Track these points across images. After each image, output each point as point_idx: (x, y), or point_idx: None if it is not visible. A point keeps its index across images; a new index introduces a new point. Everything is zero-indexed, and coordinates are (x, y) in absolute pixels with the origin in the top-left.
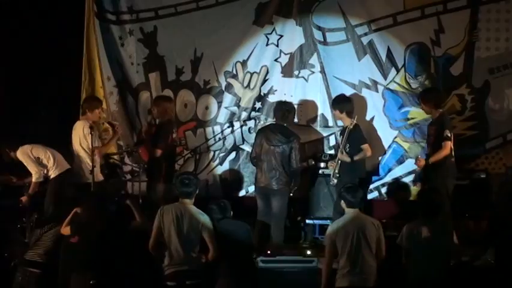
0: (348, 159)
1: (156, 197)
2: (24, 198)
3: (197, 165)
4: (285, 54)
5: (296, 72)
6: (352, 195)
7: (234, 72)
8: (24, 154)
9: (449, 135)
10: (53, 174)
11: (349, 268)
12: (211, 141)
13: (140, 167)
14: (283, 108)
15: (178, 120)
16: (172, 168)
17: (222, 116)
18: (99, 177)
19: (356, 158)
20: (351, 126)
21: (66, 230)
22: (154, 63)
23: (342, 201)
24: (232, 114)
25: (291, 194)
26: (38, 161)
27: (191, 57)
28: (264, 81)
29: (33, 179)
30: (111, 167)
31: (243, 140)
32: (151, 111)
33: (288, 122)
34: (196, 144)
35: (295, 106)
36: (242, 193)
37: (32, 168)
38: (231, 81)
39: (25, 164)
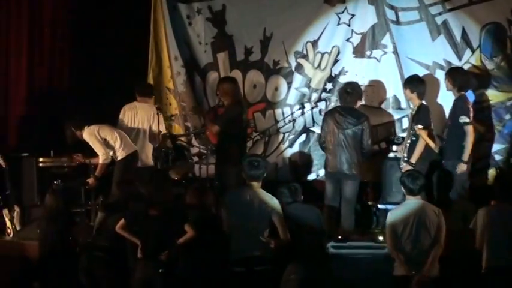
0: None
1: (225, 180)
2: (91, 180)
3: (266, 147)
4: (357, 34)
5: (368, 53)
6: (412, 182)
7: (304, 52)
8: (91, 135)
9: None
10: (119, 156)
11: (408, 257)
12: (280, 123)
13: (208, 150)
14: (347, 90)
15: (247, 102)
16: (243, 151)
17: (292, 98)
18: (151, 161)
19: (414, 157)
20: (415, 108)
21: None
22: (222, 43)
23: (402, 188)
24: (303, 95)
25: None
26: (104, 142)
27: (260, 37)
28: (335, 61)
29: (100, 161)
30: (178, 149)
31: (313, 122)
32: (216, 93)
33: (352, 104)
34: (266, 126)
35: (366, 88)
36: (312, 177)
37: (99, 149)
38: (301, 61)
39: (91, 145)
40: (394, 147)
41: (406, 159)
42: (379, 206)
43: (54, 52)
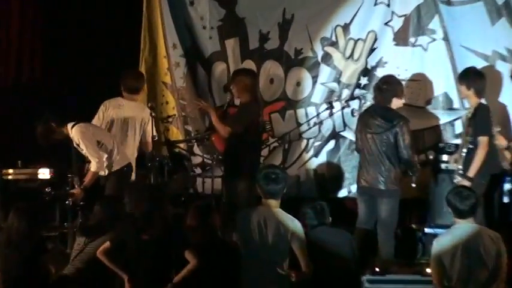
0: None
1: (234, 197)
2: (76, 191)
3: (286, 156)
4: (399, 16)
5: (412, 40)
6: (461, 201)
7: (333, 38)
8: (83, 133)
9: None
10: (115, 166)
11: None
12: (304, 127)
13: (213, 159)
14: (381, 85)
15: (262, 100)
16: (257, 161)
17: (318, 95)
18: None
19: (472, 170)
20: (472, 110)
21: None
22: (232, 27)
23: (449, 208)
24: (331, 92)
25: (413, 185)
26: (98, 146)
27: (279, 20)
28: (371, 50)
29: (93, 168)
30: (177, 159)
31: (345, 125)
32: (229, 89)
33: (386, 102)
34: (285, 130)
35: (409, 83)
36: (343, 193)
37: (92, 153)
38: (330, 50)
39: (82, 146)
40: (445, 157)
41: (461, 172)
42: (426, 230)
43: (22, 42)
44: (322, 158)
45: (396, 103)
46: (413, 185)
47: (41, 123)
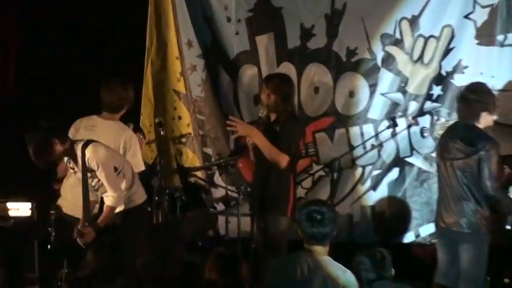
0: None
1: (267, 242)
2: (88, 231)
3: (335, 189)
4: (482, 7)
5: (500, 38)
6: None
7: (397, 35)
8: (104, 156)
9: None
10: (137, 200)
11: None
12: (358, 150)
13: (240, 192)
14: (467, 95)
15: (303, 114)
16: (294, 194)
17: (377, 109)
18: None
19: None
20: None
21: None
22: (265, 20)
23: None
24: (394, 105)
25: (508, 227)
26: (115, 173)
27: (326, 11)
28: (447, 51)
29: (111, 202)
30: (193, 191)
31: (412, 148)
32: (262, 99)
33: (472, 119)
34: (334, 154)
35: (499, 94)
36: (409, 238)
37: (112, 182)
38: (392, 50)
39: (101, 173)
40: None
41: None
42: None
43: None
44: (383, 191)
45: (486, 120)
46: (508, 227)
47: (38, 135)
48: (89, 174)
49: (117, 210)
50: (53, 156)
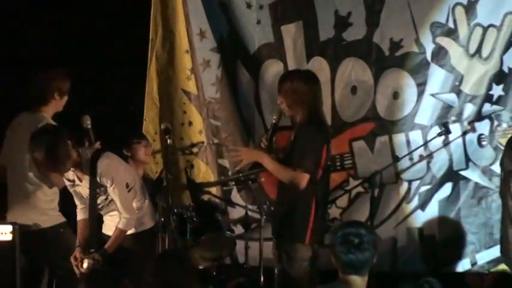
0: None
1: (294, 270)
2: (95, 258)
3: (376, 209)
4: None
5: None
6: None
7: (451, 24)
8: (120, 171)
9: None
10: (147, 223)
11: None
12: (403, 162)
13: (263, 211)
14: None
15: (338, 119)
16: (325, 213)
17: (427, 112)
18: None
19: None
20: None
21: None
22: (292, 6)
23: None
24: (447, 108)
25: None
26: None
27: None
28: (510, 43)
29: (122, 226)
30: (206, 211)
31: (467, 160)
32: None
33: None
34: (375, 167)
35: None
36: (464, 266)
37: (127, 203)
38: (445, 42)
39: (115, 190)
40: None
41: None
42: None
43: None
44: (433, 210)
45: None
46: None
47: (56, 137)
48: (87, 190)
49: (129, 229)
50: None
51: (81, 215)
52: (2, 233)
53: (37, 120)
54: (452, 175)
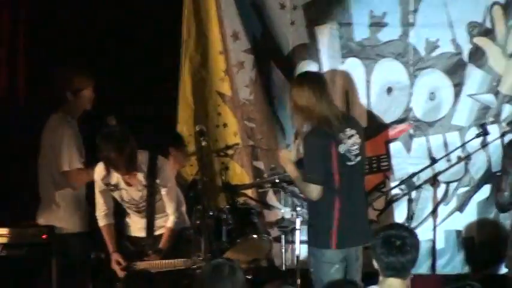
0: None
1: (321, 273)
2: (152, 259)
3: (413, 211)
4: None
5: None
6: None
7: (488, 24)
8: (172, 171)
9: None
10: (184, 222)
11: None
12: (441, 164)
13: (299, 213)
14: None
15: (373, 120)
16: (357, 213)
17: (464, 113)
18: None
19: None
20: None
21: None
22: (327, 7)
23: None
24: (485, 109)
25: None
26: None
27: None
28: None
29: (173, 224)
30: (242, 214)
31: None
32: None
33: None
34: (412, 169)
35: None
36: (505, 268)
37: (176, 202)
38: (482, 42)
39: (171, 189)
40: None
41: None
42: None
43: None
44: (471, 212)
45: None
46: None
47: (124, 138)
48: (139, 193)
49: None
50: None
51: (105, 220)
52: (37, 236)
53: (55, 120)
54: (490, 177)
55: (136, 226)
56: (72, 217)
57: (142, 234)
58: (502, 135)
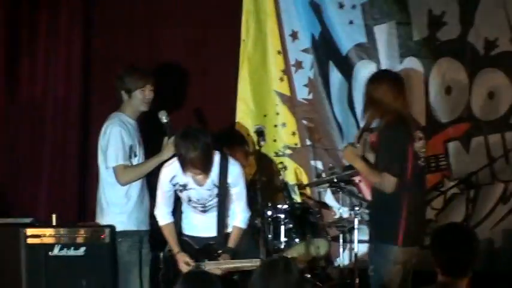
0: None
1: (390, 273)
2: (224, 258)
3: (472, 210)
4: None
5: None
6: None
7: None
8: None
9: None
10: None
11: None
12: (500, 163)
13: (358, 213)
14: None
15: (432, 119)
16: (421, 216)
17: None
18: None
19: None
20: None
21: None
22: (385, 6)
23: None
24: None
25: None
26: None
27: None
28: None
29: (244, 224)
30: (300, 213)
31: None
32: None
33: None
34: (471, 168)
35: None
36: None
37: (243, 204)
38: None
39: (243, 188)
40: None
41: None
42: None
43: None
44: None
45: None
46: None
47: (203, 137)
48: (208, 192)
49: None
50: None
51: (166, 219)
52: (102, 236)
53: (107, 120)
54: None
55: (203, 226)
56: (118, 216)
57: (207, 233)
58: None
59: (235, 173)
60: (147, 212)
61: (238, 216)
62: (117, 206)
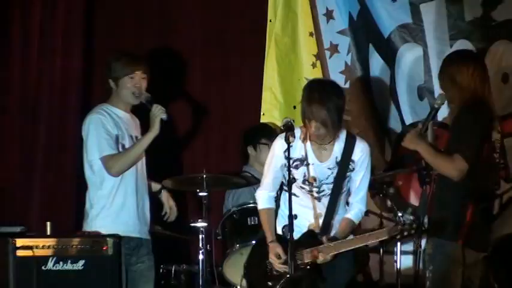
0: None
1: (432, 271)
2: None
3: None
4: None
5: None
6: None
7: None
8: None
9: None
10: None
11: None
12: None
13: (400, 220)
14: None
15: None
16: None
17: None
18: None
19: None
20: None
21: None
22: None
23: None
24: None
25: None
26: None
27: None
28: None
29: (358, 219)
30: None
31: None
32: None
33: None
34: None
35: None
36: None
37: (363, 194)
38: None
39: (366, 177)
40: None
41: None
42: None
43: None
44: None
45: None
46: None
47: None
48: (328, 171)
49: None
50: None
51: (268, 203)
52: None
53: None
54: None
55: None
56: (101, 220)
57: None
58: None
59: (363, 151)
60: (145, 218)
61: (353, 207)
62: (100, 208)
